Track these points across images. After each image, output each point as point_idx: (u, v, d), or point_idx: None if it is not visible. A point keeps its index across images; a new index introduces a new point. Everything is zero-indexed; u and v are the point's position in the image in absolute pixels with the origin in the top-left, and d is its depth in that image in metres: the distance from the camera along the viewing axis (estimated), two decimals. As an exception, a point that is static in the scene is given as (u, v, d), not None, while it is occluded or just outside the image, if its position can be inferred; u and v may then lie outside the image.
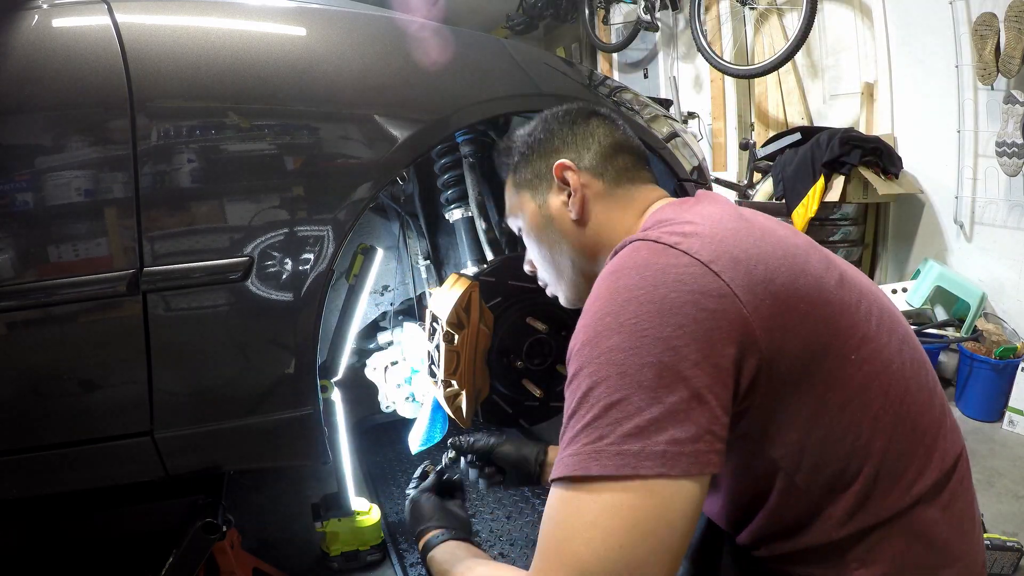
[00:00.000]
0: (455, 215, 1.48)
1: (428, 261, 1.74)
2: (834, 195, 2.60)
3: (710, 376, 0.55)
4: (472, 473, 1.06)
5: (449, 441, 1.09)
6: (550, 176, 0.85)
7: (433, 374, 1.34)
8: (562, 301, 0.92)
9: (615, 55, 4.89)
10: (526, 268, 0.98)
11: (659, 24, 4.06)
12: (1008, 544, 1.43)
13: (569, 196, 0.83)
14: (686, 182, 1.52)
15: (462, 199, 1.47)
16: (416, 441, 1.48)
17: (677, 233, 0.63)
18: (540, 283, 0.95)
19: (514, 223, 0.93)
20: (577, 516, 0.53)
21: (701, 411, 0.54)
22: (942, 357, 2.53)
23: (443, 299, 1.27)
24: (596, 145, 0.84)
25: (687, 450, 0.53)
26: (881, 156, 2.61)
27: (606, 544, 0.51)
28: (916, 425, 0.65)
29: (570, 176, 0.82)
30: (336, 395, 1.42)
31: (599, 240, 0.82)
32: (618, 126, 0.88)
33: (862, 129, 2.95)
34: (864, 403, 0.62)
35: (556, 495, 0.56)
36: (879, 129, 2.90)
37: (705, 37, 3.43)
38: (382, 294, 1.79)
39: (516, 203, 0.90)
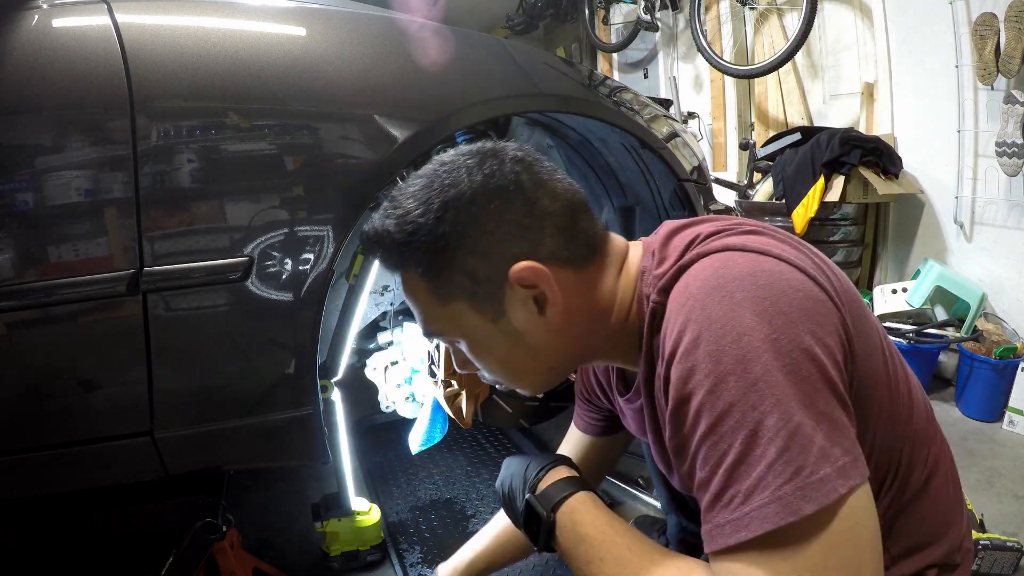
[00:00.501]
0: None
1: (428, 261, 1.73)
2: (834, 195, 2.60)
3: (841, 379, 0.53)
4: None
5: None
6: (499, 280, 0.62)
7: (433, 374, 1.34)
8: (525, 392, 0.77)
9: (615, 55, 4.89)
10: (460, 370, 0.76)
11: (659, 24, 4.06)
12: (1008, 544, 1.43)
13: (538, 300, 0.63)
14: (686, 182, 1.52)
15: (462, 199, 1.47)
16: (416, 441, 1.48)
17: (752, 244, 0.58)
18: (485, 381, 0.75)
19: (444, 340, 0.71)
20: (809, 567, 0.47)
21: (847, 415, 0.52)
22: (942, 357, 2.53)
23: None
24: (549, 220, 0.63)
25: (856, 455, 0.50)
26: (881, 156, 2.61)
27: None
28: (925, 406, 0.70)
29: (544, 286, 0.62)
30: (336, 395, 1.42)
31: (587, 332, 0.67)
32: (552, 175, 0.65)
33: (862, 129, 2.95)
34: (899, 397, 0.64)
35: (764, 557, 0.48)
36: (879, 129, 2.90)
37: (705, 37, 3.43)
38: (382, 294, 1.79)
39: (446, 321, 0.66)
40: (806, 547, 0.47)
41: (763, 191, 2.93)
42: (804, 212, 2.61)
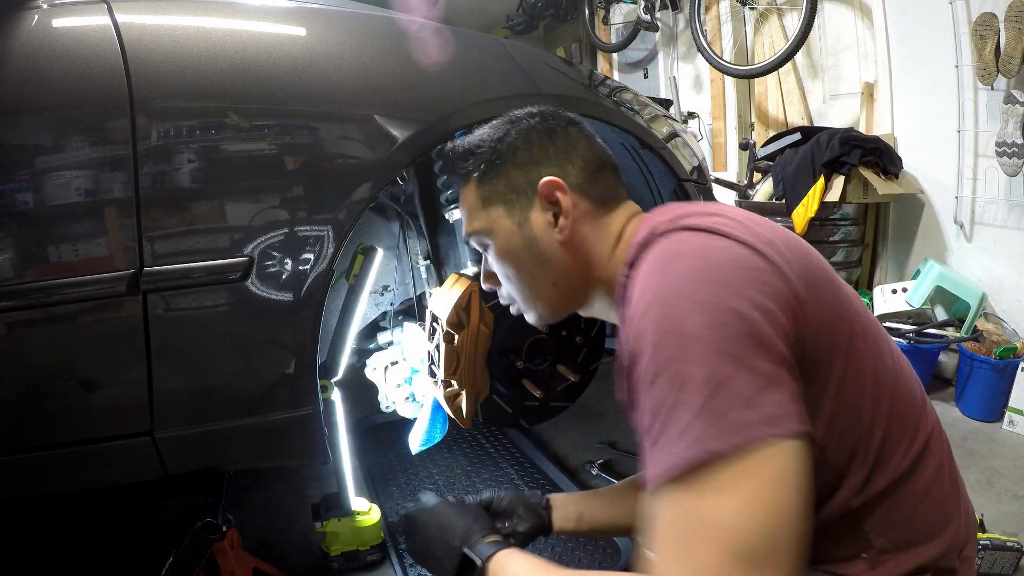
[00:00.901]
0: (455, 215, 1.48)
1: (428, 261, 1.74)
2: (834, 195, 2.60)
3: (783, 342, 0.58)
4: None
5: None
6: (530, 192, 0.78)
7: (433, 374, 1.34)
8: (532, 320, 0.86)
9: (615, 55, 4.89)
10: (484, 285, 0.90)
11: (659, 24, 4.06)
12: (1008, 544, 1.43)
13: (556, 216, 0.78)
14: (686, 182, 1.52)
15: (462, 199, 1.47)
16: (416, 441, 1.48)
17: (707, 224, 0.65)
18: (503, 300, 0.89)
19: (478, 241, 0.85)
20: (722, 500, 0.52)
21: (788, 374, 0.57)
22: (942, 357, 2.53)
23: (443, 299, 1.27)
24: (580, 160, 0.80)
25: (790, 410, 0.55)
26: (881, 156, 2.61)
27: (759, 515, 0.52)
28: (908, 388, 0.71)
29: (561, 197, 0.77)
30: (336, 395, 1.42)
31: (586, 262, 0.79)
32: (594, 138, 0.83)
33: (862, 129, 2.95)
34: (872, 369, 0.67)
35: (682, 491, 0.54)
36: (879, 129, 2.90)
37: (705, 37, 3.43)
38: (382, 294, 1.79)
39: (485, 220, 0.82)
40: (723, 483, 0.52)
41: (763, 191, 2.93)
42: (804, 212, 2.61)
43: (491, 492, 1.02)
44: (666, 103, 2.03)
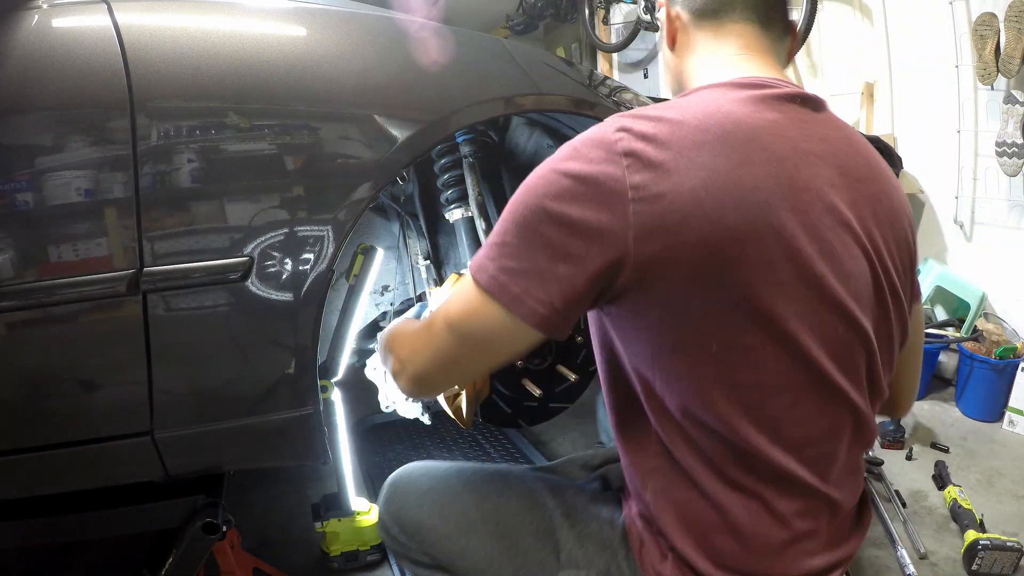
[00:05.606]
0: (455, 215, 1.49)
1: (428, 261, 1.75)
2: (834, 195, 2.59)
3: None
4: None
5: None
6: None
7: (433, 374, 1.34)
8: None
9: (615, 55, 4.89)
10: None
11: (659, 24, 4.05)
12: (1008, 544, 1.43)
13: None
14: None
15: (462, 199, 1.48)
16: None
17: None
18: None
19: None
20: (461, 293, 0.75)
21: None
22: (942, 357, 2.53)
23: (443, 299, 1.27)
24: None
25: (531, 297, 0.69)
26: (881, 156, 2.61)
27: (463, 307, 0.73)
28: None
29: (661, 5, 0.90)
30: (336, 395, 1.42)
31: (683, 73, 0.88)
32: None
33: (862, 129, 2.95)
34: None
35: (463, 280, 0.77)
36: (879, 129, 2.90)
37: (705, 37, 3.42)
38: (382, 294, 1.80)
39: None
40: (469, 286, 0.72)
41: (763, 191, 2.93)
42: (804, 212, 2.61)
43: None
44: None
